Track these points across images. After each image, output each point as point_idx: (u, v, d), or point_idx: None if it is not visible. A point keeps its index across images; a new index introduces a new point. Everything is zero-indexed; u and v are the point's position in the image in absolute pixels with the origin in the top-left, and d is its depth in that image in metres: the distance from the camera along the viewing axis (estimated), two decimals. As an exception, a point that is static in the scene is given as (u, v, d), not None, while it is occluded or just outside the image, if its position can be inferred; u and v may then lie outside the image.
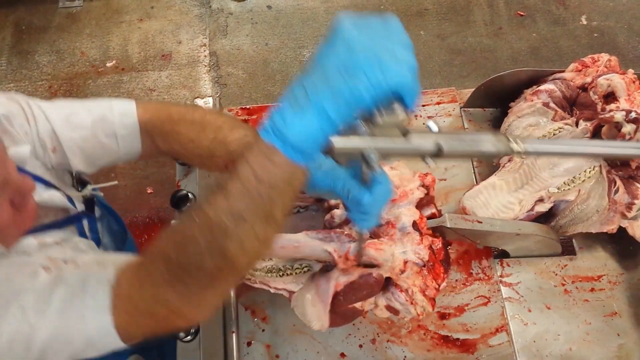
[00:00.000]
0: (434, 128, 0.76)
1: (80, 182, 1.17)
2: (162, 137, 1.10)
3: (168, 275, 0.74)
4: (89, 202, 1.18)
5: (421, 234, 1.17)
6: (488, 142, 0.79)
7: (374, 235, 1.17)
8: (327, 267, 1.17)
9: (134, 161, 1.17)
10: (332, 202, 1.23)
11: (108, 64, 3.00)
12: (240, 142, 1.04)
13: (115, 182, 1.31)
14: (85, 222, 1.12)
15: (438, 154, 0.75)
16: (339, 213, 1.21)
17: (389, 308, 1.18)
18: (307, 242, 1.12)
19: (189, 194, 1.38)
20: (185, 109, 1.11)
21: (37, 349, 0.78)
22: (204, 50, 3.07)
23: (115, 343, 0.80)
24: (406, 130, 0.72)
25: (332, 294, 1.13)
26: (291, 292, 1.23)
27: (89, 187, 1.17)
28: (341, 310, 1.18)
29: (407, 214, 1.20)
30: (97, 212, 1.21)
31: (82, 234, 1.09)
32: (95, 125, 1.06)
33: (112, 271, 0.80)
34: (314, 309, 1.17)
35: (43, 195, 0.99)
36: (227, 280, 0.77)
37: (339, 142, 0.70)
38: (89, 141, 1.07)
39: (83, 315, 0.78)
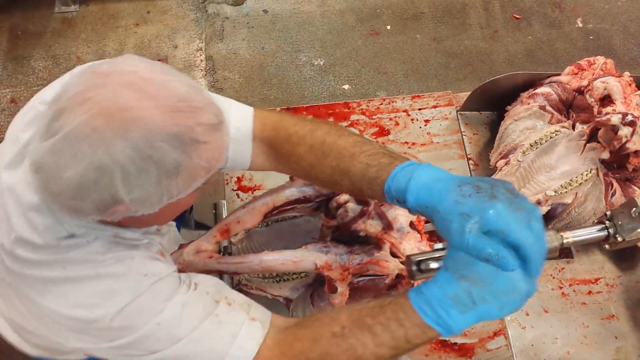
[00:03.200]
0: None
1: None
2: (280, 157, 1.07)
3: None
4: None
5: (421, 234, 1.17)
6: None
7: (379, 241, 1.16)
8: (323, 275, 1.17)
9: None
10: (342, 200, 1.19)
11: (104, 69, 3.00)
12: (363, 175, 0.95)
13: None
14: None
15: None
16: (352, 206, 1.17)
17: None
18: (307, 256, 1.12)
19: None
20: (305, 130, 1.03)
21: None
22: (200, 55, 3.07)
23: None
24: None
25: None
26: (288, 299, 1.22)
27: None
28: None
29: (404, 215, 1.20)
30: None
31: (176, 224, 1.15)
32: None
33: (261, 330, 0.92)
34: None
35: None
36: None
37: None
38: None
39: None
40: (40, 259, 0.86)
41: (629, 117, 1.35)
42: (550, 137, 1.47)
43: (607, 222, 1.03)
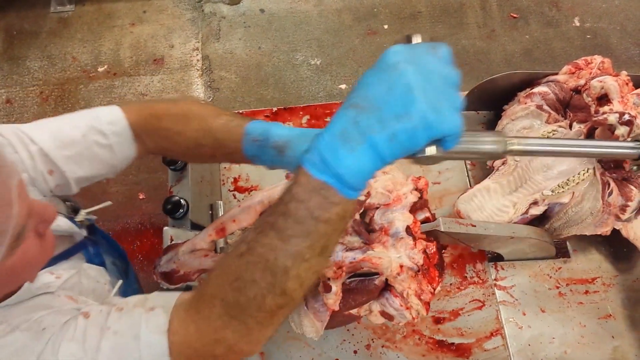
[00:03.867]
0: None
1: (72, 209, 1.13)
2: (149, 135, 1.08)
3: (226, 317, 0.75)
4: (90, 227, 1.15)
5: (415, 239, 1.16)
6: (488, 143, 0.79)
7: (368, 241, 1.16)
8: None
9: (128, 167, 1.15)
10: None
11: (100, 69, 2.99)
12: (225, 128, 1.04)
13: (109, 203, 1.26)
14: (90, 249, 1.10)
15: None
16: None
17: (383, 314, 1.18)
18: None
19: (181, 200, 1.37)
20: (168, 104, 1.09)
21: None
22: (197, 54, 3.06)
23: None
24: None
25: (329, 314, 1.13)
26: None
27: (83, 213, 1.14)
28: (338, 316, 1.17)
29: (401, 219, 1.19)
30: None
31: (89, 260, 1.08)
32: (86, 138, 1.02)
33: (163, 315, 0.79)
34: (310, 323, 1.16)
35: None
36: (284, 314, 0.78)
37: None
38: (84, 155, 1.03)
39: None
40: None
41: (626, 117, 1.34)
42: (548, 137, 1.47)
43: None
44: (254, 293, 0.73)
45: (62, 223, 1.00)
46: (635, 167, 1.00)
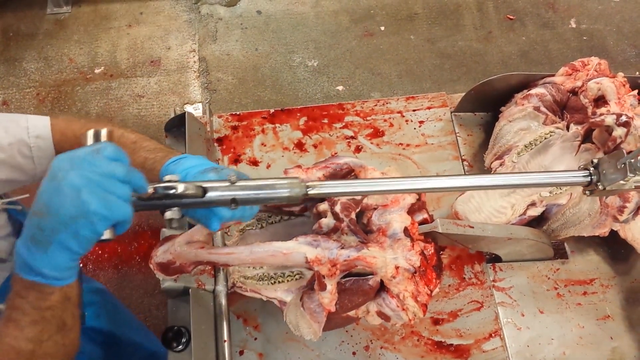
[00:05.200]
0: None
1: None
2: None
3: None
4: None
5: (412, 240, 1.16)
6: (283, 188, 0.92)
7: (365, 241, 1.16)
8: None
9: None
10: (321, 208, 1.22)
11: (96, 71, 2.98)
12: (141, 165, 1.08)
13: (27, 195, 1.27)
14: None
15: (235, 204, 0.90)
16: (326, 222, 1.19)
17: (380, 314, 1.18)
18: (296, 249, 1.11)
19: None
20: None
21: None
22: (194, 56, 3.06)
23: None
24: (205, 189, 0.89)
25: (325, 315, 1.13)
26: (282, 302, 1.21)
27: (0, 202, 1.17)
28: (336, 318, 1.17)
29: (399, 220, 1.19)
30: (8, 228, 1.22)
31: None
32: (12, 147, 1.08)
33: None
34: (307, 325, 1.16)
35: None
36: None
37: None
38: (6, 162, 1.09)
39: None
40: None
41: (623, 118, 1.35)
42: (545, 138, 1.47)
43: (592, 168, 1.02)
44: None
45: None
46: (587, 193, 1.04)
